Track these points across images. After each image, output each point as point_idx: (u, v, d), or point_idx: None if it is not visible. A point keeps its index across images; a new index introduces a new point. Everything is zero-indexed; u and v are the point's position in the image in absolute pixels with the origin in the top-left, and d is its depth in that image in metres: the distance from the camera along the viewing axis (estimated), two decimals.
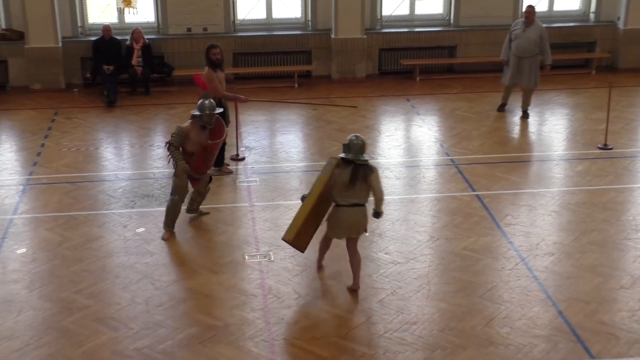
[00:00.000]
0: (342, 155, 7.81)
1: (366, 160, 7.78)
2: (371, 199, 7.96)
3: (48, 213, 9.93)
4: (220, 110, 9.29)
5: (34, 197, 10.46)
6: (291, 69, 15.34)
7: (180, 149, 8.94)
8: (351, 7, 15.05)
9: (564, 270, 8.55)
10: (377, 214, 7.99)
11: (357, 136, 7.85)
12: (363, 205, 7.90)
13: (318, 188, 7.96)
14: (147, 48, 14.63)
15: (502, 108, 13.39)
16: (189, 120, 8.99)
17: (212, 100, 9.01)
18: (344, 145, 7.82)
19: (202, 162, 9.15)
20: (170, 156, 8.98)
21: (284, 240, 8.21)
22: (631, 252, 8.88)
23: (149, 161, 11.73)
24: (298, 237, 8.09)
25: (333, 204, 7.98)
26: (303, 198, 8.11)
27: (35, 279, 8.41)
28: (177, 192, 9.06)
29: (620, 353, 7.17)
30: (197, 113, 8.92)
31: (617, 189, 10.51)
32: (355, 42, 15.30)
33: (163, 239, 9.12)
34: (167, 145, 8.97)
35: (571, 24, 16.14)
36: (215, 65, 10.74)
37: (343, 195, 7.82)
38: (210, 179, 9.54)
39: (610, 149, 11.88)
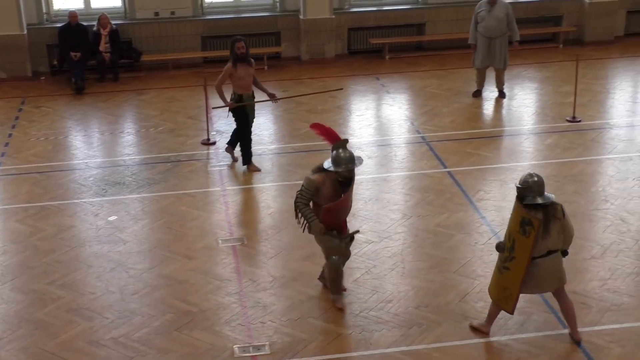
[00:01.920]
0: (528, 202, 6.63)
1: (552, 200, 6.71)
2: None
3: (18, 204, 9.84)
4: (361, 161, 7.34)
5: (3, 188, 10.36)
6: (260, 51, 15.25)
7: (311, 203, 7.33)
8: None
9: None
10: (565, 252, 6.92)
11: (531, 174, 6.72)
12: (557, 251, 6.81)
13: (525, 254, 6.70)
14: (114, 33, 14.49)
15: (477, 94, 13.23)
16: (319, 172, 7.28)
17: (347, 150, 7.21)
18: (521, 189, 6.65)
19: (332, 218, 7.38)
20: (299, 213, 7.36)
21: (504, 310, 7.08)
22: (601, 223, 8.97)
23: (119, 148, 11.65)
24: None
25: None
26: (498, 247, 6.92)
27: (7, 271, 8.34)
28: (333, 254, 7.45)
29: (592, 321, 7.27)
30: (333, 168, 7.18)
31: (585, 161, 10.61)
32: (324, 22, 15.25)
33: (338, 307, 7.56)
34: (295, 200, 7.33)
35: None
36: (239, 59, 10.25)
37: (537, 245, 6.72)
38: (352, 237, 7.72)
39: (579, 121, 11.97)
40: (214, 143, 11.52)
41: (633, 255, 8.32)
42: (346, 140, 7.29)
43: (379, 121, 12.58)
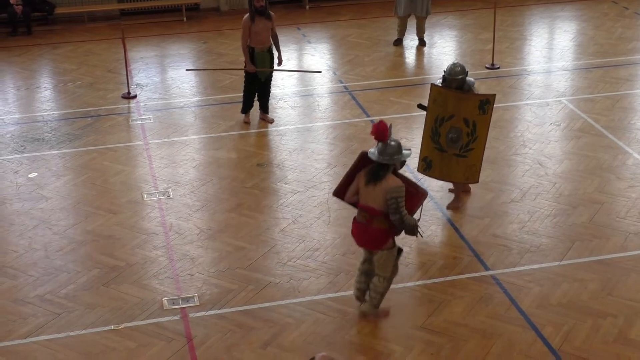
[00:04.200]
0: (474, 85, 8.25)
1: None
2: None
3: None
4: (409, 152, 6.56)
5: None
6: (178, 2, 14.98)
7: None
8: None
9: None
10: None
11: (455, 63, 8.23)
12: None
13: (486, 129, 8.12)
14: None
15: (398, 42, 13.31)
16: (393, 174, 6.45)
17: (392, 140, 6.45)
18: (465, 76, 8.15)
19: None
20: (407, 224, 6.44)
21: (471, 183, 8.44)
22: (520, 167, 9.22)
23: (37, 104, 11.35)
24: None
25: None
26: (453, 140, 8.22)
27: None
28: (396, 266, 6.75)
29: (512, 263, 7.51)
30: (402, 158, 6.48)
31: (504, 107, 10.82)
32: None
33: (384, 315, 6.86)
34: (402, 215, 6.36)
35: None
36: (257, 12, 10.01)
37: None
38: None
39: (498, 68, 12.18)
40: (135, 96, 11.34)
41: (551, 198, 8.58)
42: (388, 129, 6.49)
43: None
